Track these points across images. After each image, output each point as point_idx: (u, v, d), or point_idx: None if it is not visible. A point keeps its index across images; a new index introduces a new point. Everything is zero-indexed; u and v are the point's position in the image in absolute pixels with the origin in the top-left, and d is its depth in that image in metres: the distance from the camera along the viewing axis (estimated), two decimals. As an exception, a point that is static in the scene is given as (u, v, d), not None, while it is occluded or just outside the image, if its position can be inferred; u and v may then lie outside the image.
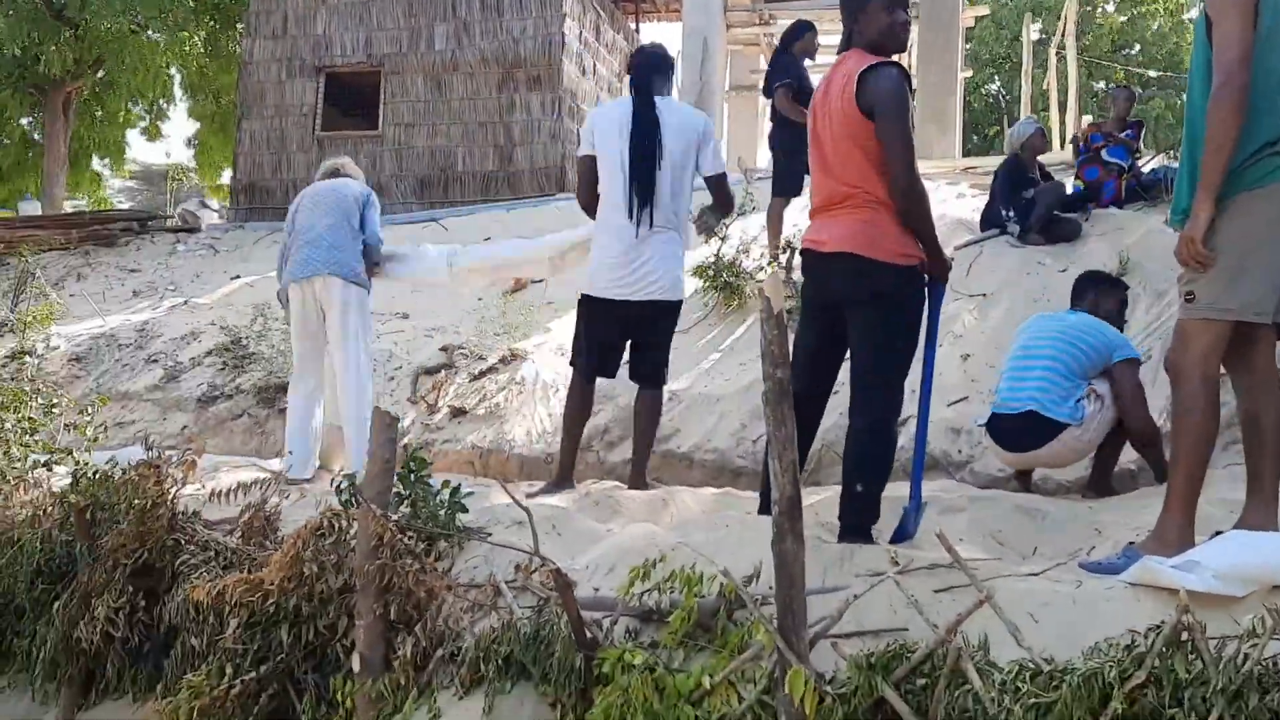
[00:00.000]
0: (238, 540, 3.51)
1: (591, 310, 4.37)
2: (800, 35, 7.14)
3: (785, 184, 7.17)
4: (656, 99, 4.30)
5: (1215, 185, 2.75)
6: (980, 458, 4.73)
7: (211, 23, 16.80)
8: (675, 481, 4.99)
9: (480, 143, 12.69)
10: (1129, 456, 4.30)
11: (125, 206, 19.88)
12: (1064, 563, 2.88)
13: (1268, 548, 2.43)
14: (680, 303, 4.42)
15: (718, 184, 4.40)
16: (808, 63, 7.24)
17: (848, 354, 3.44)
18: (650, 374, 4.44)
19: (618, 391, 6.12)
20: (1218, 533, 2.84)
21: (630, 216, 4.21)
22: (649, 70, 4.35)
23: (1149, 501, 3.60)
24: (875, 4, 3.29)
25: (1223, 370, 2.98)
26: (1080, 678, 2.10)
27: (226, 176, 19.76)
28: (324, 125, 13.24)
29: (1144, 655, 2.07)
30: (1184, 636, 2.09)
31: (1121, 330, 4.47)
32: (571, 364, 4.50)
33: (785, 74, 6.94)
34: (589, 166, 4.38)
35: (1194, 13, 24.78)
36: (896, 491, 3.48)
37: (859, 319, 3.28)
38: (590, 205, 4.42)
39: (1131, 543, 2.89)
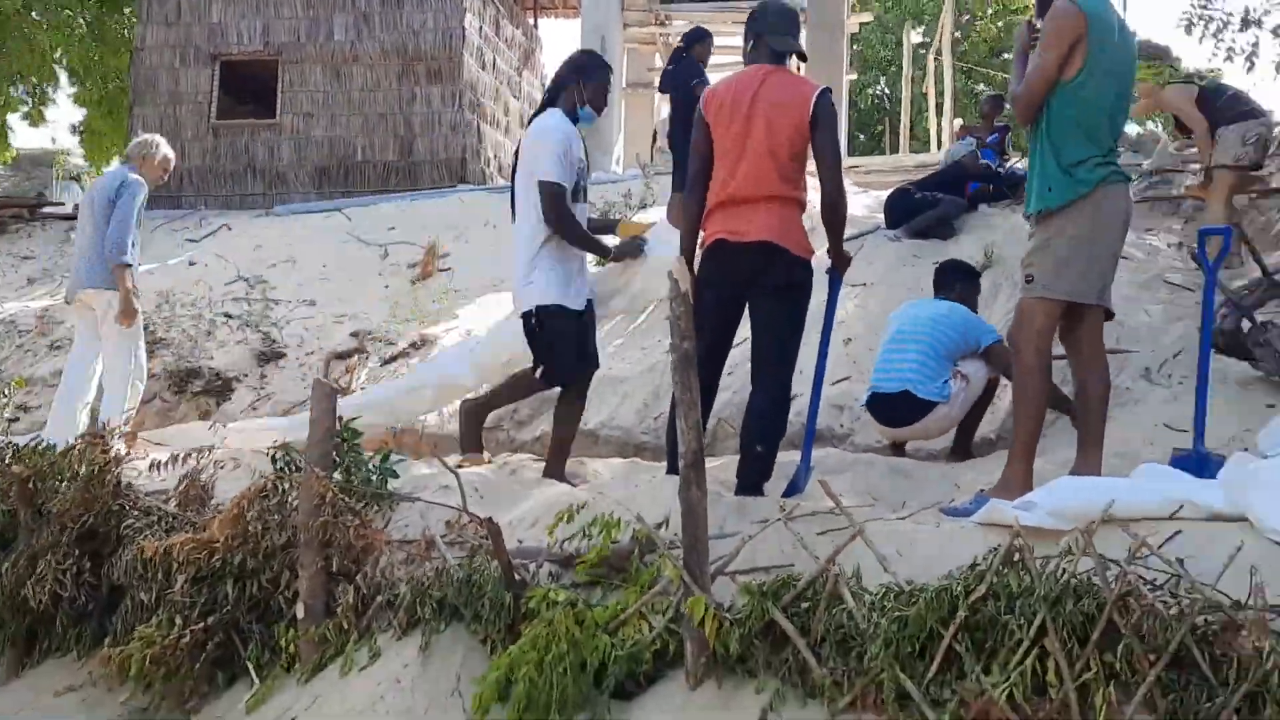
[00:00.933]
0: (176, 507, 3.73)
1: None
2: (700, 40, 7.60)
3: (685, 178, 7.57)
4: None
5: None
6: (860, 430, 5.21)
7: (97, 6, 16.43)
8: (583, 457, 5.34)
9: (380, 133, 12.79)
10: (986, 428, 4.83)
11: (-2, 193, 19.19)
12: (927, 508, 3.33)
13: (1088, 490, 2.91)
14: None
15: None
16: None
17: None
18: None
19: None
20: None
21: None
22: None
23: (1001, 463, 4.12)
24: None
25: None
26: (933, 592, 2.52)
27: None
28: (219, 114, 13.14)
29: (984, 572, 2.51)
30: (1016, 556, 2.54)
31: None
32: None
33: (696, 74, 7.37)
34: None
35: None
36: (783, 459, 3.91)
37: (768, 304, 3.72)
38: None
39: (982, 490, 3.37)
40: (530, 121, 4.48)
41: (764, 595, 2.76)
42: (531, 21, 15.92)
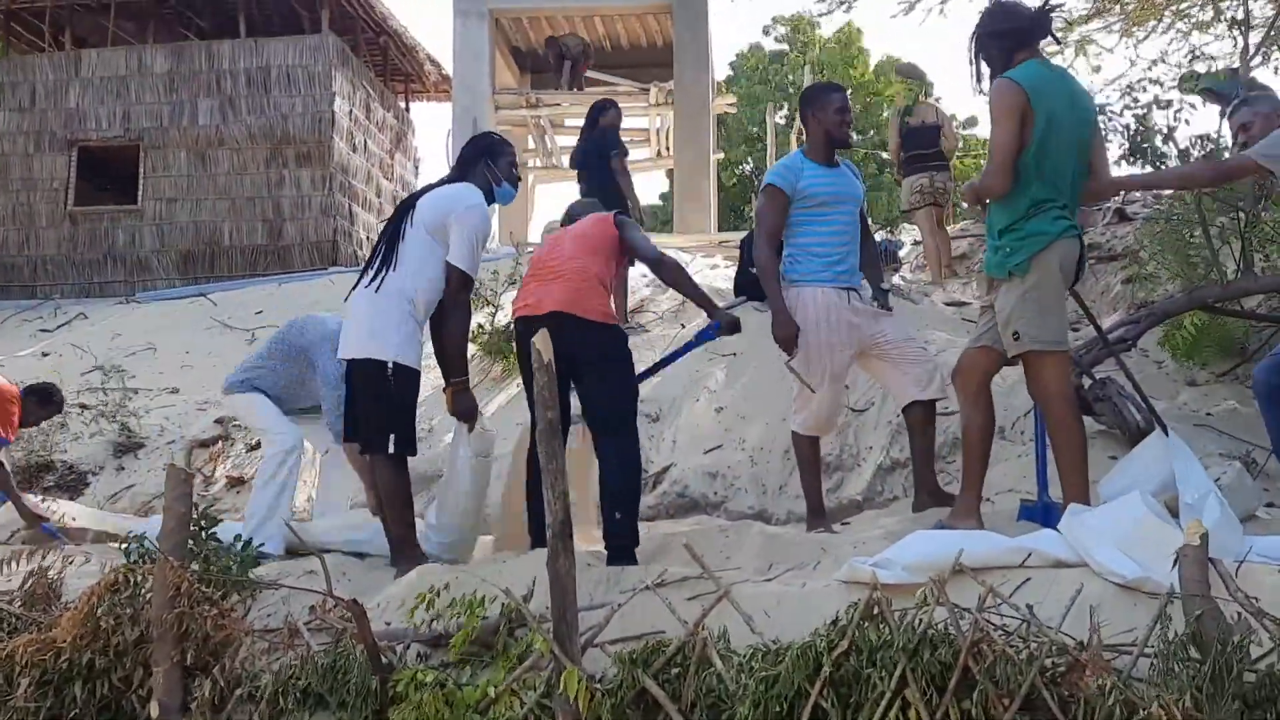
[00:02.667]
0: (19, 608, 3.53)
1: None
2: (604, 110, 7.76)
3: None
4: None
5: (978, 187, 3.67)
6: (733, 498, 5.29)
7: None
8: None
9: (248, 217, 12.60)
10: (852, 489, 4.96)
11: None
12: (792, 569, 3.39)
13: (941, 543, 3.02)
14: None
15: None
16: None
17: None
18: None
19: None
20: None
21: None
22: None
23: (868, 522, 4.25)
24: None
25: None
26: (798, 650, 2.56)
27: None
28: (77, 200, 12.78)
29: (845, 627, 2.57)
30: (875, 610, 2.60)
31: None
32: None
33: (613, 144, 7.52)
34: None
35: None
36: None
37: (583, 375, 3.92)
38: None
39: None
40: (445, 182, 4.24)
41: (634, 663, 2.76)
42: (403, 104, 15.99)
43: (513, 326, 4.19)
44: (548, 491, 2.85)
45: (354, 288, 4.15)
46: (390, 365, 3.95)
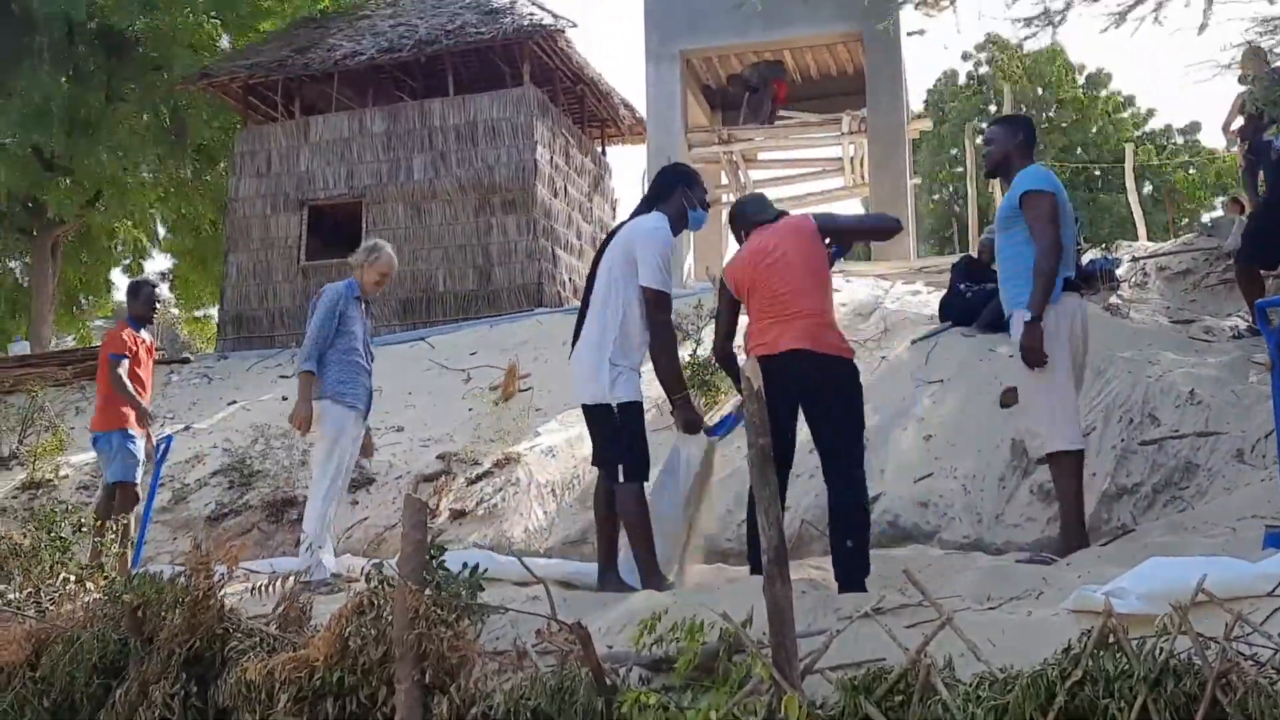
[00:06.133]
0: (276, 628, 3.84)
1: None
2: None
3: None
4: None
5: None
6: (946, 527, 5.16)
7: (194, 163, 17.55)
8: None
9: (460, 264, 13.28)
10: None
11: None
12: (1015, 598, 3.29)
13: (1180, 571, 2.86)
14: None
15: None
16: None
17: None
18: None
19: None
20: None
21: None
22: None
23: (1095, 558, 4.05)
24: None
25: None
26: (1028, 679, 2.49)
27: (204, 309, 20.28)
28: (308, 255, 13.82)
29: (1079, 655, 2.47)
30: (1110, 639, 2.50)
31: None
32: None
33: None
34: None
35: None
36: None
37: (816, 406, 3.96)
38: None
39: None
40: (635, 214, 4.48)
41: (856, 690, 2.74)
42: (599, 148, 16.51)
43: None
44: (762, 518, 2.88)
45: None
46: (615, 406, 4.24)
